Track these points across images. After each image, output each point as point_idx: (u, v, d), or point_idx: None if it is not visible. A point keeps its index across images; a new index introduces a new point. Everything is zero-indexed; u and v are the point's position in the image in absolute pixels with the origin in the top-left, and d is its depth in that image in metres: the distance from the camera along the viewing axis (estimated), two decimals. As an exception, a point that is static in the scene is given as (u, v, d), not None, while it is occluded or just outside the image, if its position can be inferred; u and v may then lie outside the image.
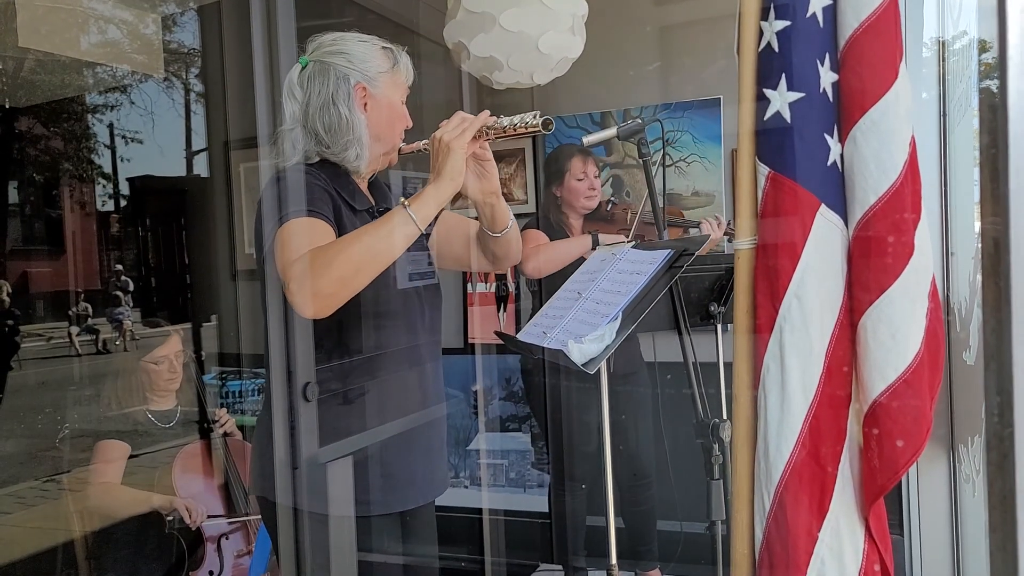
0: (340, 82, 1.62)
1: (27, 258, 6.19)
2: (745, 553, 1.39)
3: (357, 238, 1.47)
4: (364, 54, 1.65)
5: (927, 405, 1.27)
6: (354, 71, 1.63)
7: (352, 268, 1.41)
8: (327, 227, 1.52)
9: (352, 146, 1.63)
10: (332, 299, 1.41)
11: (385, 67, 1.67)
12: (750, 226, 1.38)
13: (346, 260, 1.40)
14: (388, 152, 1.71)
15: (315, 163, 1.65)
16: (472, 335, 3.68)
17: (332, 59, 1.63)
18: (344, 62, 1.63)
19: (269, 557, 2.47)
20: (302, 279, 1.39)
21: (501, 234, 1.71)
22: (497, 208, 1.67)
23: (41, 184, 6.58)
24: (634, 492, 3.00)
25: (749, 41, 1.36)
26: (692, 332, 1.89)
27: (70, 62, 4.01)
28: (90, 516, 2.69)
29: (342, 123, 1.61)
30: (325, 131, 1.62)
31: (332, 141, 1.63)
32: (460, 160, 1.49)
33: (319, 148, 1.64)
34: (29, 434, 3.43)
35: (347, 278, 1.41)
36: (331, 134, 1.62)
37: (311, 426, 1.62)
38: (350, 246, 1.44)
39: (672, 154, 3.30)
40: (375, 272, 1.45)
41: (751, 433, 1.38)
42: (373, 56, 1.66)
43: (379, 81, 1.65)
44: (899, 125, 1.27)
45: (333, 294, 1.41)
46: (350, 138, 1.62)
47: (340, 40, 1.66)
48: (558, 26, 2.60)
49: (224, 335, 3.78)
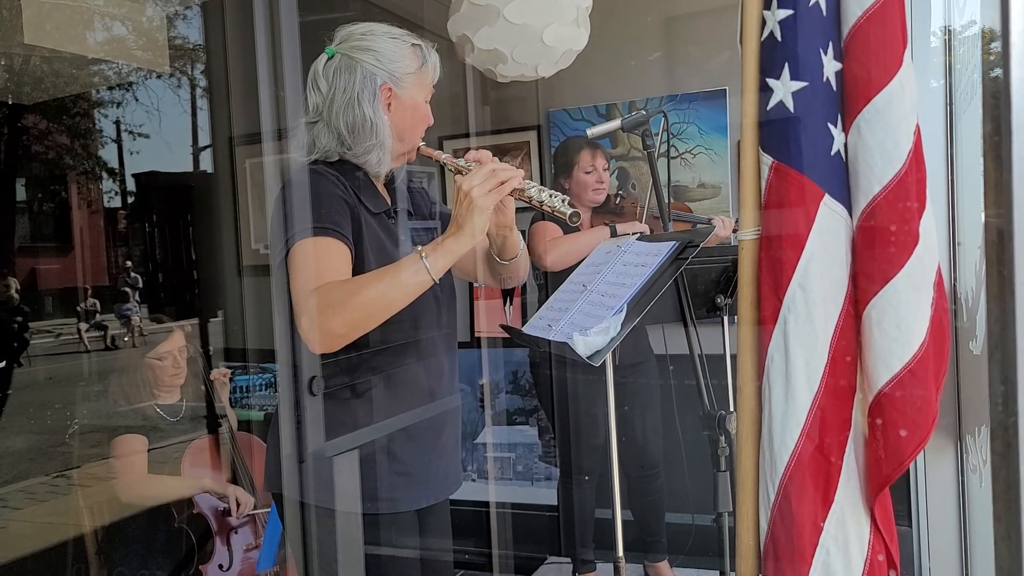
0: (366, 81, 1.59)
1: (35, 255, 6.21)
2: (751, 544, 1.39)
3: (371, 283, 1.48)
4: (393, 53, 1.62)
5: (932, 395, 1.26)
6: (381, 71, 1.60)
7: (364, 313, 1.44)
8: (343, 249, 1.52)
9: (374, 150, 1.61)
10: (341, 340, 1.45)
11: (413, 67, 1.63)
12: (754, 217, 1.38)
13: (359, 305, 1.43)
14: (407, 152, 1.69)
15: (335, 162, 1.63)
16: (478, 329, 3.68)
17: (360, 55, 1.60)
18: (372, 60, 1.60)
19: (278, 551, 2.48)
20: (314, 316, 1.41)
21: (510, 262, 1.72)
22: (509, 239, 1.67)
23: (48, 181, 6.60)
24: (642, 483, 3.00)
25: (752, 30, 1.35)
26: (699, 324, 1.88)
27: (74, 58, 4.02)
28: (101, 511, 2.71)
29: (366, 125, 1.59)
30: (348, 131, 1.60)
31: (354, 142, 1.61)
32: (484, 218, 1.47)
33: (341, 148, 1.62)
34: (39, 430, 3.45)
35: (358, 322, 1.44)
36: (353, 135, 1.60)
37: (330, 420, 1.63)
38: (363, 290, 1.45)
39: (678, 146, 3.29)
40: (385, 317, 1.47)
41: (756, 424, 1.38)
42: (402, 55, 1.62)
43: (406, 82, 1.62)
44: (903, 114, 1.26)
45: (343, 335, 1.44)
46: (373, 142, 1.60)
47: (370, 35, 1.63)
48: (562, 18, 2.59)
49: (230, 330, 3.79)
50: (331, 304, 1.41)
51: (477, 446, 3.67)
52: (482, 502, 3.50)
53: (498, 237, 1.66)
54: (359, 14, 1.94)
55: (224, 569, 2.65)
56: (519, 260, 1.73)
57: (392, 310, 1.47)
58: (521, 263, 1.75)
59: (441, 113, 1.80)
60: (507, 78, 2.76)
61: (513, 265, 1.73)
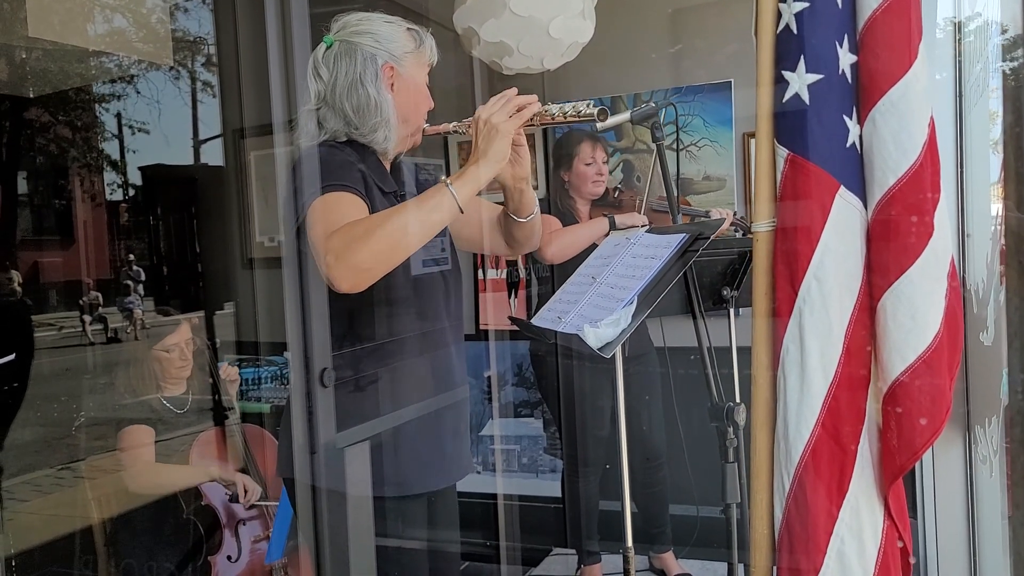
0: (367, 62, 1.61)
1: (38, 248, 6.20)
2: (765, 533, 1.40)
3: (397, 213, 1.46)
4: (391, 34, 1.65)
5: (947, 385, 1.28)
6: (381, 51, 1.63)
7: (391, 243, 1.40)
8: (362, 203, 1.51)
9: (381, 128, 1.63)
10: (369, 274, 1.41)
11: (411, 47, 1.67)
12: (768, 208, 1.38)
13: (385, 235, 1.39)
14: (413, 133, 1.71)
15: (343, 142, 1.65)
16: (484, 321, 3.68)
17: (359, 39, 1.63)
18: (371, 42, 1.63)
19: (287, 542, 2.50)
20: (340, 251, 1.38)
21: (527, 220, 1.72)
22: (526, 193, 1.67)
23: (51, 174, 6.59)
24: (646, 475, 3.01)
25: (767, 23, 1.36)
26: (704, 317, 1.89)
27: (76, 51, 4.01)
28: (108, 502, 2.72)
29: (371, 104, 1.61)
30: (353, 112, 1.62)
31: (360, 122, 1.62)
32: (507, 143, 1.47)
33: (348, 129, 1.64)
34: (44, 422, 3.45)
35: (385, 252, 1.40)
36: (359, 115, 1.62)
37: (341, 411, 1.63)
38: (389, 221, 1.43)
39: (683, 138, 3.29)
40: (412, 249, 1.45)
41: (770, 414, 1.39)
42: (399, 36, 1.66)
43: (405, 61, 1.65)
44: (918, 105, 1.27)
45: (370, 269, 1.40)
46: (378, 120, 1.62)
47: (366, 20, 1.66)
48: (568, 11, 2.59)
49: (235, 323, 3.79)
50: (355, 237, 1.38)
51: (483, 438, 3.68)
52: (488, 494, 3.51)
53: (515, 191, 1.66)
54: (365, 5, 1.93)
55: (232, 560, 2.66)
56: (535, 220, 1.73)
57: (418, 241, 1.45)
58: (536, 224, 1.75)
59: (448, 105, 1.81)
60: (513, 70, 2.76)
61: (529, 225, 1.73)
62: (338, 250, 1.38)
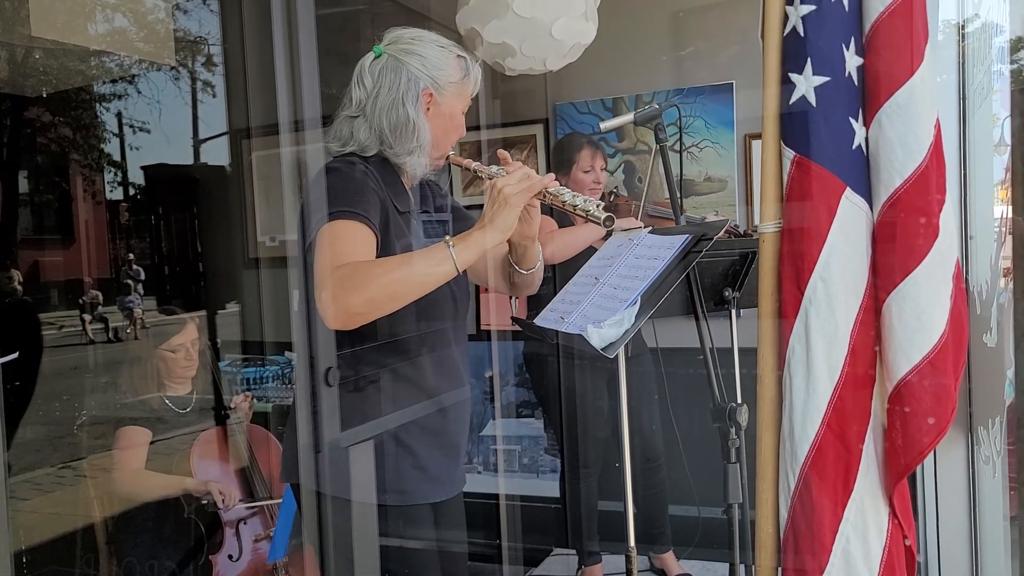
0: (410, 84, 1.62)
1: (39, 247, 6.20)
2: (770, 533, 1.41)
3: (398, 266, 1.49)
4: (439, 60, 1.65)
5: (952, 385, 1.28)
6: (425, 76, 1.63)
7: (386, 294, 1.44)
8: (371, 235, 1.53)
9: (416, 153, 1.64)
10: (360, 318, 1.45)
11: (456, 77, 1.67)
12: (774, 210, 1.39)
13: (382, 286, 1.43)
14: (438, 159, 1.72)
15: (370, 156, 1.65)
16: (485, 322, 3.69)
17: (407, 58, 1.63)
18: (418, 64, 1.63)
19: (290, 542, 2.50)
20: (337, 293, 1.42)
21: (528, 272, 1.74)
22: (530, 250, 1.70)
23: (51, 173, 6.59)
24: (645, 476, 3.01)
25: (774, 25, 1.36)
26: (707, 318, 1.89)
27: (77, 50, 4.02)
28: (110, 501, 2.71)
29: (409, 126, 1.62)
30: (390, 130, 1.63)
31: (396, 142, 1.63)
32: (515, 215, 1.49)
33: (381, 147, 1.65)
34: (45, 421, 3.44)
35: (379, 302, 1.44)
36: (395, 134, 1.63)
37: (346, 411, 1.63)
38: (389, 272, 1.46)
39: (685, 140, 3.30)
40: (405, 302, 1.48)
41: (776, 414, 1.40)
42: (447, 64, 1.66)
43: (447, 91, 1.66)
44: (924, 108, 1.28)
45: (362, 314, 1.45)
46: (415, 145, 1.63)
47: (419, 40, 1.66)
48: (571, 12, 2.60)
49: (238, 322, 3.79)
50: (354, 281, 1.42)
51: (484, 438, 3.69)
52: (489, 494, 3.52)
53: (520, 247, 1.69)
54: (369, 6, 1.94)
55: (234, 559, 2.66)
56: (536, 272, 1.76)
57: (412, 296, 1.48)
58: (537, 275, 1.78)
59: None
60: (515, 71, 2.77)
61: (530, 276, 1.76)
62: (335, 291, 1.42)
